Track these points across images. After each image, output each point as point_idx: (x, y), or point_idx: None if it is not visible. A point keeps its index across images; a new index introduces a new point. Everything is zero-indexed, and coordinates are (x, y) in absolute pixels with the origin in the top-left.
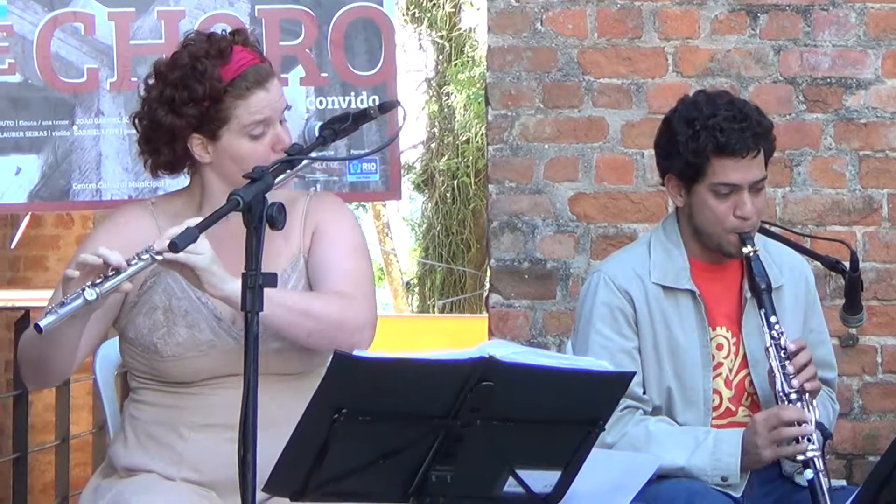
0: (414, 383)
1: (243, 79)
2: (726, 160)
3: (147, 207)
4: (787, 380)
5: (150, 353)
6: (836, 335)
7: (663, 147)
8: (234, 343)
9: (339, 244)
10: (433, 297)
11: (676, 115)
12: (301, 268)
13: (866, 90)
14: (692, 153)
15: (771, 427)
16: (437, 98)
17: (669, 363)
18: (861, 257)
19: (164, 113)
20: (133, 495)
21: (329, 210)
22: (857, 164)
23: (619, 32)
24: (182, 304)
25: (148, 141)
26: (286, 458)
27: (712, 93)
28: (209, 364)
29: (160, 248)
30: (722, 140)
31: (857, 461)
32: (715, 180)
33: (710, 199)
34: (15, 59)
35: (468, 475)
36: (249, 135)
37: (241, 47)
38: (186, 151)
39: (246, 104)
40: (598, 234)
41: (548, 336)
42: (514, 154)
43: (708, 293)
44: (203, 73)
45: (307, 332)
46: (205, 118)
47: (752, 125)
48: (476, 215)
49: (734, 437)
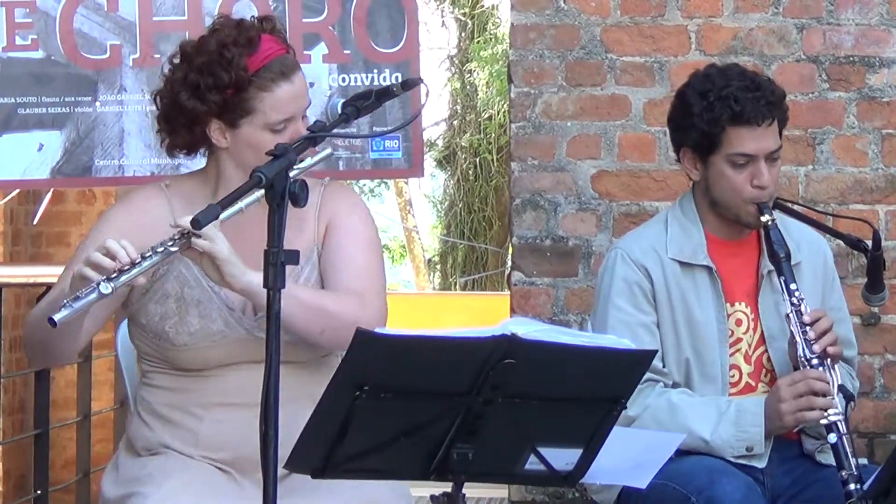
0: (435, 361)
1: (268, 69)
2: (742, 129)
3: (161, 189)
4: (808, 345)
5: (161, 340)
6: (859, 314)
7: (678, 121)
8: (244, 333)
9: (352, 239)
10: (455, 274)
11: (690, 89)
12: (315, 260)
13: (889, 69)
14: (707, 124)
15: (798, 394)
16: (459, 75)
17: (687, 338)
18: (883, 236)
19: (188, 97)
20: (154, 471)
21: (343, 203)
22: (879, 143)
23: (642, 10)
24: (194, 294)
25: (167, 120)
26: (307, 435)
27: (723, 66)
28: (220, 353)
29: (179, 231)
30: (737, 109)
31: (879, 440)
32: (731, 150)
33: (727, 170)
34: (38, 36)
35: (489, 452)
36: (271, 129)
37: (269, 36)
38: (204, 135)
39: (271, 97)
40: (621, 212)
41: (570, 314)
42: (537, 132)
43: (725, 269)
44: (230, 61)
45: (321, 329)
46: (227, 106)
47: (766, 94)
48: (498, 192)
49: (757, 406)
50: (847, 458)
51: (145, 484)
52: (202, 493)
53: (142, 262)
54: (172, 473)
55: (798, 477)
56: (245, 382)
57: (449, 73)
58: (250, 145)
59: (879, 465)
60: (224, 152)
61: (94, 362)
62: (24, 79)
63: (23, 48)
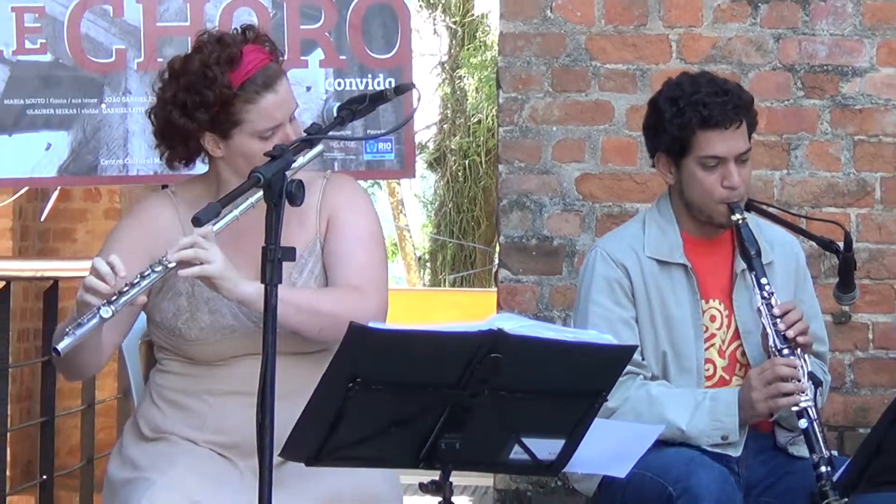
0: (425, 354)
1: (252, 82)
2: (711, 133)
3: (168, 196)
4: (779, 336)
5: (174, 336)
6: (830, 312)
7: (651, 127)
8: (253, 327)
9: (354, 232)
10: (444, 271)
11: (661, 96)
12: (318, 252)
13: (861, 78)
14: (679, 129)
15: (766, 381)
16: (450, 81)
17: (664, 333)
18: (854, 238)
19: (178, 115)
20: (159, 458)
21: (345, 195)
22: (851, 149)
23: (626, 20)
24: (204, 291)
25: (163, 137)
26: (302, 424)
27: (693, 74)
28: (230, 346)
29: (174, 259)
30: (706, 113)
31: (849, 433)
32: (701, 153)
33: (698, 172)
34: (46, 40)
35: (476, 442)
36: (260, 136)
37: (253, 46)
38: (200, 147)
39: (256, 108)
40: (603, 213)
41: (554, 310)
42: (524, 135)
43: (700, 267)
44: (213, 80)
45: (318, 328)
46: (216, 121)
47: (734, 98)
48: (486, 193)
49: (731, 396)
50: (818, 442)
51: (150, 470)
52: (204, 479)
53: (140, 281)
54: (177, 460)
55: (772, 468)
56: (252, 372)
57: (440, 78)
58: (243, 154)
59: (849, 457)
60: (220, 161)
61: None
62: (32, 81)
63: (32, 52)
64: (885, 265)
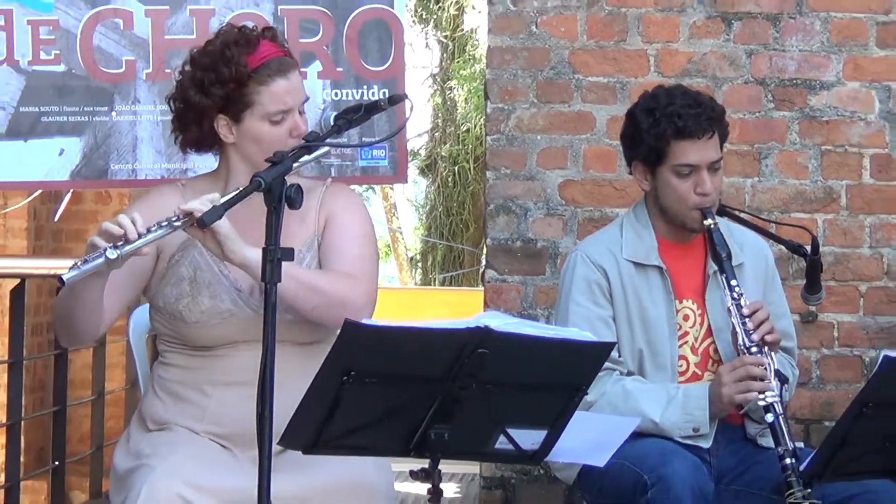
0: (416, 349)
1: (266, 67)
2: (685, 143)
3: (178, 188)
4: (747, 334)
5: (176, 319)
6: (798, 312)
7: (629, 137)
8: (251, 313)
9: (349, 231)
10: (434, 271)
11: (638, 108)
12: (315, 249)
13: (829, 91)
14: (654, 139)
15: (735, 378)
16: (440, 92)
17: (640, 331)
18: (821, 242)
19: (194, 93)
20: (160, 446)
21: (342, 200)
22: (819, 158)
23: (607, 35)
24: (206, 276)
25: (179, 119)
26: (300, 414)
27: (668, 87)
28: (229, 331)
29: (183, 210)
30: (680, 124)
31: (815, 426)
32: (676, 162)
33: (672, 180)
34: (60, 51)
35: (463, 433)
36: (270, 120)
37: (269, 41)
38: (213, 130)
39: (268, 90)
40: (584, 217)
41: (537, 308)
42: (510, 144)
43: (674, 269)
44: (230, 58)
45: (312, 305)
46: (230, 99)
47: (707, 110)
48: (474, 198)
49: (702, 390)
50: (783, 435)
51: (152, 457)
52: (203, 466)
53: (147, 234)
54: (177, 448)
55: (741, 458)
56: (248, 363)
57: (431, 89)
58: (253, 138)
59: (815, 448)
60: (231, 148)
61: (107, 347)
62: (47, 90)
63: (46, 62)
64: (849, 268)
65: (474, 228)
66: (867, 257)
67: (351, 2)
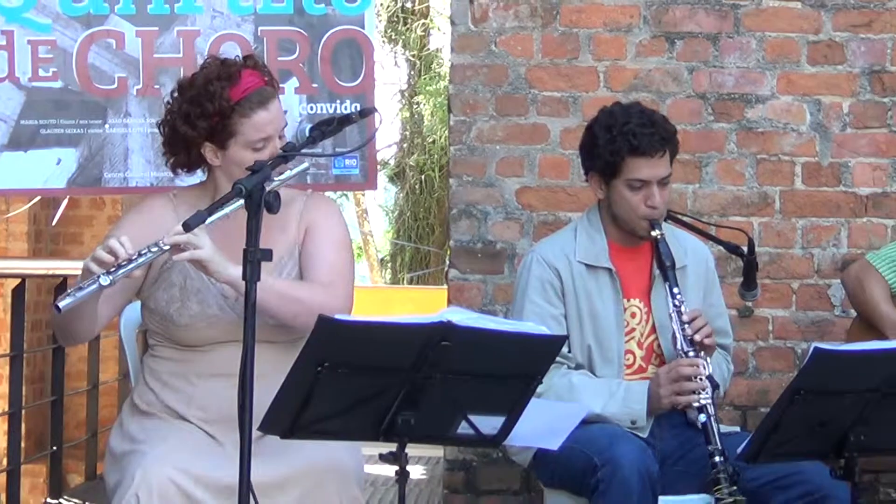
0: (385, 342)
1: (248, 100)
2: (639, 159)
3: (169, 198)
4: (685, 339)
5: (166, 321)
6: (735, 308)
7: (587, 150)
8: (236, 316)
9: (327, 240)
10: (403, 271)
11: (597, 124)
12: (296, 256)
13: (764, 104)
14: (610, 154)
15: (671, 379)
16: (408, 106)
17: (590, 327)
18: (757, 243)
19: (181, 124)
20: (152, 433)
21: (321, 210)
22: (754, 166)
23: (560, 54)
24: (195, 283)
25: (169, 145)
26: (278, 402)
27: (626, 104)
28: (215, 333)
29: (169, 242)
30: (635, 143)
31: (751, 412)
32: (629, 176)
33: (625, 192)
34: (57, 69)
35: (428, 419)
36: (252, 147)
37: (250, 70)
38: (200, 156)
39: (250, 122)
40: (540, 221)
41: (496, 305)
42: (472, 153)
43: (623, 271)
44: (214, 93)
45: (294, 314)
46: (215, 130)
47: (660, 130)
48: (439, 204)
49: (641, 387)
50: (713, 435)
51: (145, 443)
52: (191, 451)
53: (137, 258)
54: (167, 435)
55: (682, 441)
56: (232, 357)
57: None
58: (237, 163)
59: (751, 432)
60: (218, 169)
61: (101, 341)
62: (45, 105)
63: (45, 79)
64: (783, 267)
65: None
66: (799, 257)
67: (325, 23)
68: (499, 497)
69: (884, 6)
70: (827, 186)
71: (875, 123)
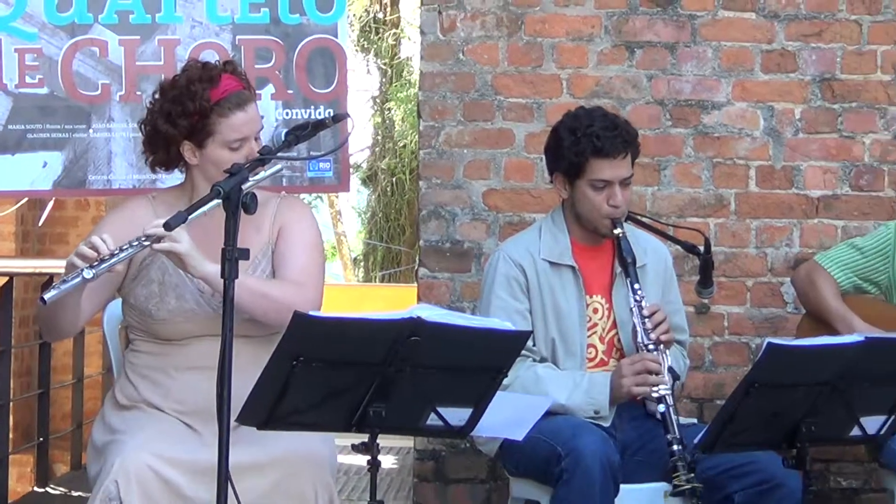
0: (357, 338)
1: (227, 101)
2: (602, 161)
3: (148, 200)
4: (646, 333)
5: (145, 316)
6: (692, 304)
7: (551, 151)
8: (212, 312)
9: (298, 240)
10: (375, 270)
11: (562, 126)
12: (269, 256)
13: (719, 111)
14: (575, 155)
15: (635, 371)
16: (380, 112)
17: (554, 322)
18: (713, 243)
19: (163, 122)
20: (131, 423)
21: (294, 212)
22: (711, 170)
23: (525, 62)
24: (173, 280)
25: (149, 143)
26: (255, 395)
27: (589, 108)
28: (192, 327)
29: (148, 234)
30: (598, 145)
31: (707, 404)
32: (592, 177)
33: (588, 192)
34: (43, 76)
35: (399, 411)
36: (229, 147)
37: (229, 75)
38: (179, 154)
39: (227, 122)
40: (505, 222)
41: (464, 302)
42: (440, 157)
43: (586, 268)
44: (195, 93)
45: (264, 311)
46: (194, 129)
47: (622, 133)
48: (410, 205)
49: (604, 378)
50: (672, 424)
51: (124, 433)
52: (169, 441)
53: (119, 253)
54: (146, 425)
55: (642, 432)
56: (209, 351)
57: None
58: (214, 162)
59: (707, 424)
60: (195, 168)
61: (86, 337)
62: (32, 110)
63: (31, 86)
64: (738, 265)
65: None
66: (753, 256)
67: (300, 32)
68: (466, 485)
69: (833, 17)
70: (780, 189)
71: (826, 129)
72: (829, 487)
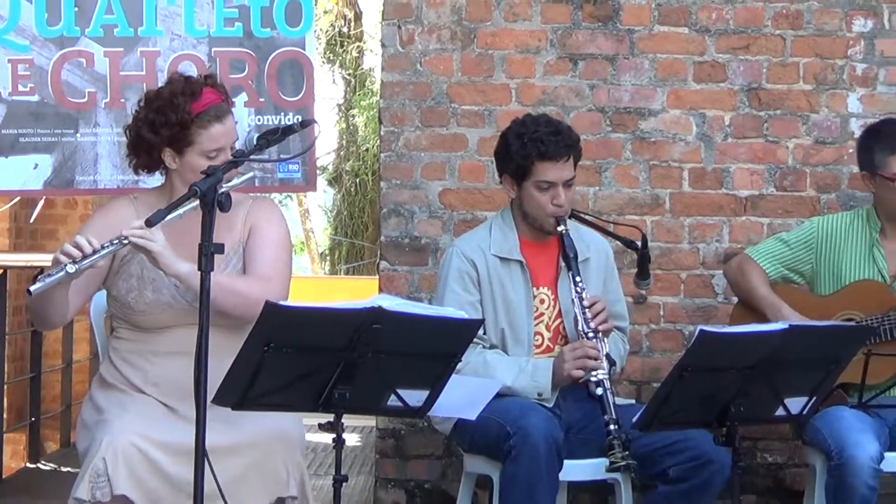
0: (323, 325)
1: (206, 113)
2: (546, 163)
3: (131, 201)
4: (586, 322)
5: (125, 307)
6: (631, 295)
7: (500, 154)
8: (186, 304)
9: (268, 239)
10: (340, 263)
11: (510, 132)
12: (240, 253)
13: (655, 117)
14: (521, 158)
15: (576, 357)
16: (344, 118)
17: (503, 312)
18: (650, 239)
19: (146, 131)
20: (116, 405)
21: (265, 212)
22: (647, 171)
23: (477, 72)
24: (151, 274)
25: (133, 148)
26: (229, 378)
27: (535, 115)
28: (168, 318)
29: (127, 234)
30: (542, 149)
31: (644, 386)
32: (538, 178)
33: (534, 192)
34: (34, 84)
35: (362, 392)
36: (207, 156)
37: (210, 88)
38: (160, 159)
39: (206, 133)
40: (459, 219)
41: (422, 293)
42: (400, 160)
43: (533, 262)
44: (177, 105)
45: (233, 304)
46: (175, 138)
47: (565, 138)
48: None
49: (547, 364)
50: (609, 406)
51: (110, 413)
52: (151, 422)
53: (101, 250)
54: (129, 406)
55: (586, 413)
56: (184, 338)
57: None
58: (192, 168)
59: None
60: (174, 173)
61: (75, 325)
62: (24, 116)
63: (23, 93)
64: (672, 259)
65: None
66: (686, 251)
67: (271, 45)
68: (424, 461)
69: (760, 31)
70: (711, 189)
71: (753, 134)
72: (757, 463)
